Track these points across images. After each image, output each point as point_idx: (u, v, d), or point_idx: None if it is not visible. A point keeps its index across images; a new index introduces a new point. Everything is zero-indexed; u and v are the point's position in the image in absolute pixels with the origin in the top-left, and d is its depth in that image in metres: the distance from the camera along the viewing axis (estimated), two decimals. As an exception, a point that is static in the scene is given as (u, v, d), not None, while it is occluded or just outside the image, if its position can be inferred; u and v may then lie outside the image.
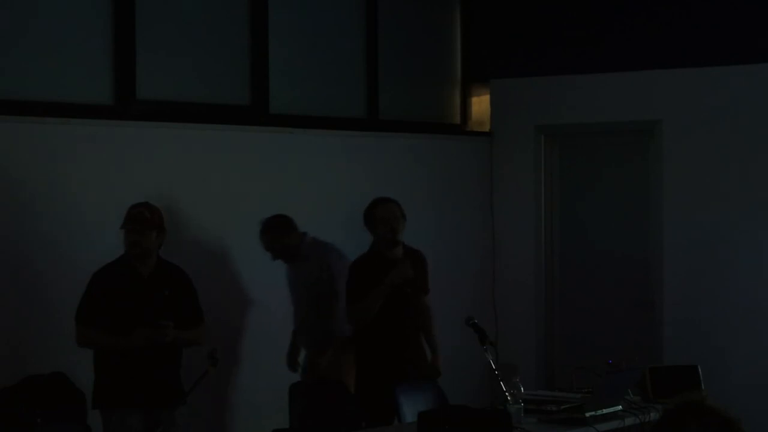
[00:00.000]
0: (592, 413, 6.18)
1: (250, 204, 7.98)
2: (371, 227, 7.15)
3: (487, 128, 9.68)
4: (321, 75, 8.72)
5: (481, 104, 9.72)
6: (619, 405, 6.39)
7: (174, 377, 6.57)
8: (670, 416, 2.95)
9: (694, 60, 8.82)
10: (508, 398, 6.03)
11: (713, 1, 8.82)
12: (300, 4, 8.59)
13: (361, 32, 9.00)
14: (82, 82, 7.34)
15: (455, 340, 7.79)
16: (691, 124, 8.87)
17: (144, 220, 6.47)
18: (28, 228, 6.95)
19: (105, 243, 6.78)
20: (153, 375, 6.47)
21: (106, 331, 6.43)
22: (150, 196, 6.71)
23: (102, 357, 6.52)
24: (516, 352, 7.50)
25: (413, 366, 7.08)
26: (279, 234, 7.49)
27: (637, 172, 9.19)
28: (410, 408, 6.49)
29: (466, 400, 6.90)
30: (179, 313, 6.56)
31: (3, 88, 6.95)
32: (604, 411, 6.27)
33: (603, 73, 9.18)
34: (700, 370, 6.89)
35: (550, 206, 9.48)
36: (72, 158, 7.13)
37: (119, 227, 6.51)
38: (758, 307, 8.61)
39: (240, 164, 7.98)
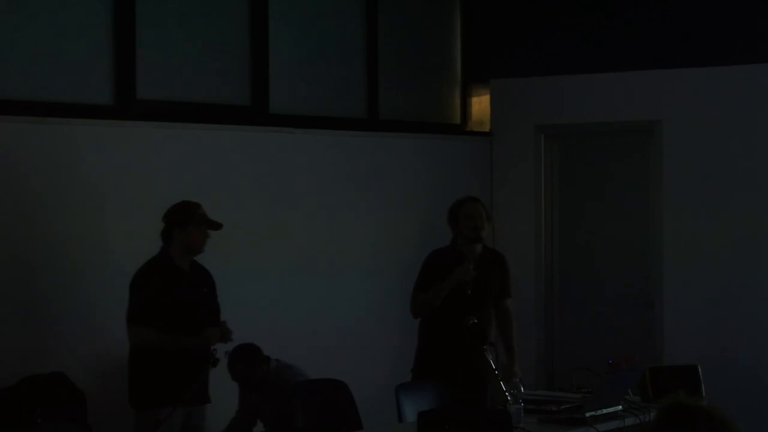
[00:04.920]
0: (592, 413, 6.19)
1: (250, 204, 7.99)
2: (454, 223, 7.26)
3: (487, 128, 9.68)
4: (321, 75, 8.72)
5: (481, 104, 9.72)
6: (619, 405, 6.39)
7: (207, 375, 6.54)
8: (663, 419, 2.95)
9: (694, 60, 8.82)
10: (508, 398, 6.03)
11: (713, 1, 8.82)
12: (300, 5, 8.59)
13: (361, 32, 9.00)
14: (82, 82, 7.34)
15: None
16: (691, 124, 8.87)
17: (214, 222, 6.55)
18: (28, 228, 6.95)
19: (105, 243, 6.78)
20: (198, 373, 6.37)
21: (166, 330, 6.33)
22: (149, 195, 6.71)
23: (148, 357, 6.38)
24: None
25: (461, 368, 7.06)
26: (249, 368, 7.29)
27: (637, 172, 9.19)
28: (410, 408, 6.49)
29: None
30: (213, 311, 6.59)
31: (3, 88, 6.95)
32: (604, 411, 6.27)
33: (603, 73, 9.18)
34: (700, 370, 6.89)
35: (550, 206, 9.48)
36: (72, 158, 7.13)
37: (197, 226, 6.48)
38: (758, 306, 8.61)
39: (240, 164, 7.98)
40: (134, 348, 6.43)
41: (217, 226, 6.56)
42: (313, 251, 8.38)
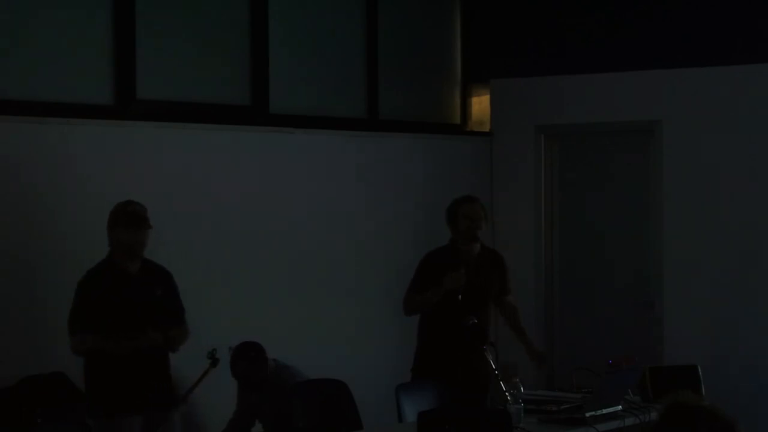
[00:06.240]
0: (592, 413, 6.19)
1: (250, 204, 7.99)
2: (452, 222, 7.23)
3: (487, 128, 9.68)
4: (321, 75, 8.72)
5: (481, 104, 9.72)
6: (619, 405, 6.39)
7: (168, 378, 6.52)
8: (664, 419, 2.95)
9: (694, 60, 8.82)
10: (508, 398, 6.03)
11: (713, 1, 8.82)
12: (300, 4, 8.59)
13: (361, 32, 9.00)
14: (82, 82, 7.34)
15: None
16: (691, 124, 8.87)
17: (146, 219, 6.41)
18: (28, 228, 6.95)
19: (105, 242, 6.76)
20: (151, 377, 6.39)
21: (106, 336, 6.26)
22: (150, 195, 6.70)
23: (98, 363, 6.33)
24: (516, 352, 7.49)
25: (461, 368, 7.05)
26: (252, 366, 7.23)
27: (637, 172, 9.19)
28: (410, 408, 6.49)
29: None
30: (170, 313, 6.51)
31: (3, 88, 6.95)
32: (604, 411, 6.27)
33: (603, 73, 9.18)
34: (700, 370, 6.89)
35: (550, 206, 9.48)
36: (72, 158, 7.13)
37: (123, 226, 6.36)
38: (758, 306, 8.61)
39: (240, 164, 7.98)
40: (82, 356, 6.35)
41: (143, 225, 6.34)
42: (313, 251, 8.38)
